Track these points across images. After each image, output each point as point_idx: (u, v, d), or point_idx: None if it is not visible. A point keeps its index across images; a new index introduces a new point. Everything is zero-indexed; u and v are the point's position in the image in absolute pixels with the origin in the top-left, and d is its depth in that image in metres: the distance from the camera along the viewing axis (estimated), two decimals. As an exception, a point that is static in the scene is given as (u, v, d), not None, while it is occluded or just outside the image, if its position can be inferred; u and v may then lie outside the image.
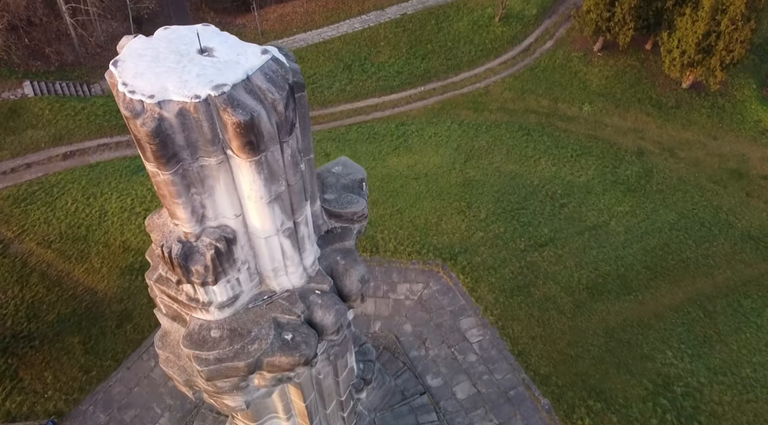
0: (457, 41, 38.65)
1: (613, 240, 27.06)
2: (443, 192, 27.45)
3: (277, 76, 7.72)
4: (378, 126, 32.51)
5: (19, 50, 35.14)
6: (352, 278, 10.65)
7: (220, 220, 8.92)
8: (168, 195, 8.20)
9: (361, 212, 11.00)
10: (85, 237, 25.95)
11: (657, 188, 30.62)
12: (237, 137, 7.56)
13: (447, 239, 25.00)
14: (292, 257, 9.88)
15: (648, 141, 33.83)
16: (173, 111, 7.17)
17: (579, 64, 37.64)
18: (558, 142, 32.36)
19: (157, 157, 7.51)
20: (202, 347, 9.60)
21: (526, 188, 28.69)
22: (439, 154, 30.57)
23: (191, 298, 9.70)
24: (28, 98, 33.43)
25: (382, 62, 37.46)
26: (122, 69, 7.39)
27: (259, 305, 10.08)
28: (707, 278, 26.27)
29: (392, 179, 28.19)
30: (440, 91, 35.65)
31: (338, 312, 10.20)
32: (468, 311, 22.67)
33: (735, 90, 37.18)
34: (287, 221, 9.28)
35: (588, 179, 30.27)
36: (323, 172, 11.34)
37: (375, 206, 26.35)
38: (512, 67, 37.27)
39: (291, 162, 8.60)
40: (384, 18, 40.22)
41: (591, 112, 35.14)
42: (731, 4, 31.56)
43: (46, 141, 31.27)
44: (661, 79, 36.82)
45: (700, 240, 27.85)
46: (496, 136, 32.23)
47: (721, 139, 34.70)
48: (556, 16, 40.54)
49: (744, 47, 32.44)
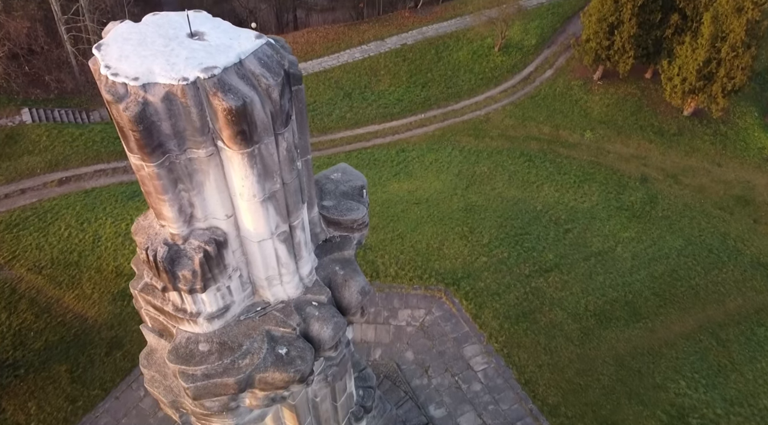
0: (457, 70, 38.72)
1: (619, 266, 26.37)
2: (445, 217, 26.88)
3: (272, 62, 7.24)
4: (378, 152, 32.16)
5: (18, 78, 35.09)
6: (351, 289, 9.97)
7: (209, 221, 8.31)
8: (153, 191, 7.61)
9: (361, 220, 10.40)
10: (77, 263, 25.28)
11: (663, 214, 30.07)
12: (228, 126, 7.02)
13: (449, 264, 24.32)
14: (288, 265, 9.23)
15: (651, 168, 33.45)
16: (159, 95, 6.65)
17: (579, 92, 37.59)
18: (560, 168, 31.95)
19: (141, 146, 6.95)
20: (189, 361, 8.86)
21: (529, 214, 28.13)
22: (440, 179, 30.12)
23: (178, 308, 9.00)
24: (26, 125, 33.20)
25: (383, 90, 37.42)
26: (106, 52, 6.91)
27: (251, 318, 9.38)
28: (718, 305, 25.49)
29: (393, 204, 27.65)
30: (441, 119, 35.48)
31: (337, 325, 9.49)
32: (472, 338, 21.83)
33: (737, 118, 37.02)
34: (282, 223, 8.68)
35: (592, 205, 29.74)
36: (321, 178, 10.79)
37: (375, 230, 25.75)
38: (513, 95, 37.21)
39: (287, 157, 8.04)
40: (384, 48, 40.40)
41: (593, 139, 34.88)
42: (731, 31, 31.62)
43: (41, 167, 30.87)
44: (662, 107, 36.69)
45: (708, 267, 27.15)
46: (498, 162, 31.85)
47: (726, 166, 34.33)
48: (555, 46, 40.74)
49: (745, 74, 32.37)
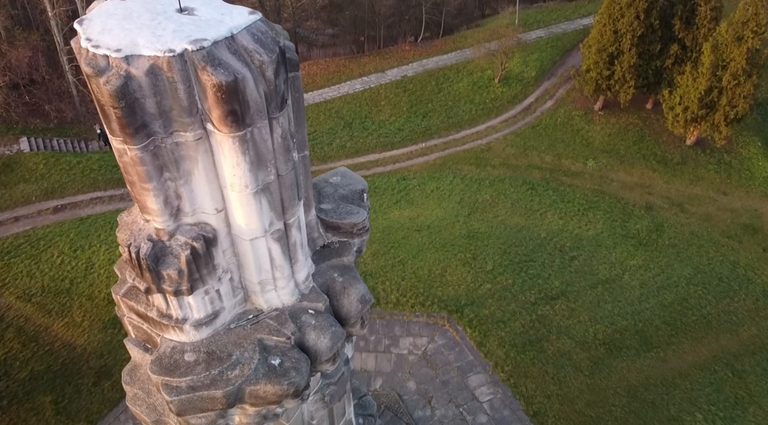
0: (457, 100, 38.70)
1: (628, 294, 25.58)
2: (447, 244, 26.23)
3: (266, 38, 6.77)
4: (379, 180, 31.74)
5: (18, 108, 35.01)
6: (350, 297, 9.29)
7: (198, 215, 7.71)
8: (137, 180, 7.03)
9: (361, 224, 9.80)
10: (68, 290, 24.56)
11: (669, 242, 29.42)
12: (218, 105, 6.50)
13: (452, 291, 23.55)
14: (282, 268, 8.58)
15: (656, 196, 32.96)
16: (143, 68, 6.15)
17: (581, 122, 37.44)
18: (564, 196, 31.46)
19: (123, 126, 6.42)
20: (174, 372, 8.11)
21: (533, 241, 27.49)
22: (441, 207, 29.59)
23: (163, 314, 8.31)
24: (24, 153, 32.91)
25: (383, 120, 37.29)
26: (88, 26, 6.46)
27: (242, 326, 8.67)
28: (731, 335, 24.61)
29: (393, 230, 27.05)
30: (441, 148, 35.22)
31: (334, 335, 8.77)
32: (477, 368, 20.90)
33: (740, 147, 36.75)
34: (277, 220, 8.07)
35: (597, 233, 29.12)
36: (320, 182, 10.24)
37: (376, 257, 25.07)
38: (513, 125, 37.05)
39: (282, 146, 7.49)
40: (384, 80, 40.51)
41: (596, 167, 34.50)
42: (732, 60, 31.62)
43: (37, 195, 30.42)
44: (665, 137, 36.46)
45: (719, 295, 26.36)
46: (500, 190, 31.38)
47: (731, 194, 33.85)
48: (555, 78, 40.84)
49: (747, 102, 32.21)
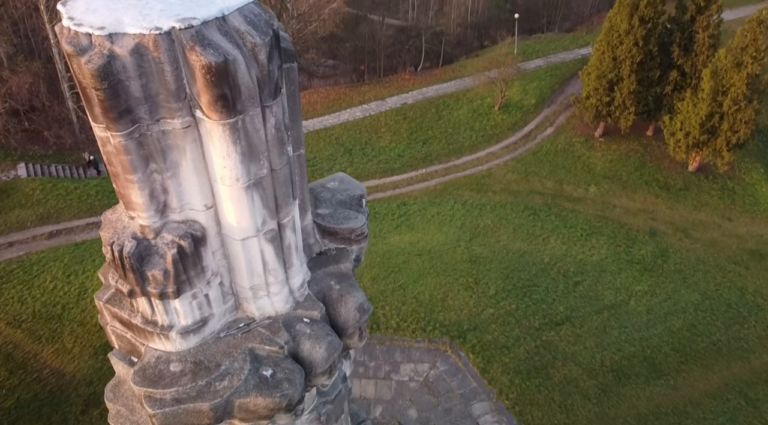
0: (457, 127, 38.66)
1: (634, 320, 24.94)
2: (448, 268, 25.70)
3: (259, 21, 6.45)
4: (379, 206, 31.37)
5: (17, 134, 34.93)
6: (348, 305, 8.77)
7: (186, 212, 7.27)
8: (121, 171, 6.61)
9: (360, 230, 9.34)
10: (59, 316, 23.96)
11: (675, 267, 28.87)
12: (207, 88, 6.13)
13: (454, 316, 22.92)
14: (276, 272, 8.09)
15: (660, 222, 32.54)
16: (127, 47, 5.81)
17: (581, 148, 37.31)
18: (566, 222, 31.05)
19: (105, 110, 6.04)
20: (157, 383, 7.54)
21: (536, 266, 26.95)
22: (442, 232, 29.14)
23: (148, 320, 7.78)
24: (21, 179, 32.69)
25: (383, 146, 37.17)
26: (71, 6, 6.13)
27: (232, 335, 8.13)
28: (743, 362, 23.90)
29: (394, 255, 26.54)
30: (442, 174, 34.98)
31: (331, 345, 8.23)
32: (480, 395, 20.14)
33: (743, 174, 36.52)
34: (270, 219, 7.62)
35: (601, 258, 28.60)
36: (317, 187, 9.83)
37: (376, 281, 24.52)
38: (514, 152, 36.90)
39: (275, 137, 7.10)
40: (384, 107, 40.56)
41: (598, 193, 34.19)
42: (732, 85, 31.63)
43: (32, 220, 30.04)
44: (666, 163, 36.26)
45: (728, 322, 25.71)
46: (502, 215, 30.98)
47: (736, 220, 33.44)
48: (554, 106, 40.92)
49: (749, 127, 32.10)
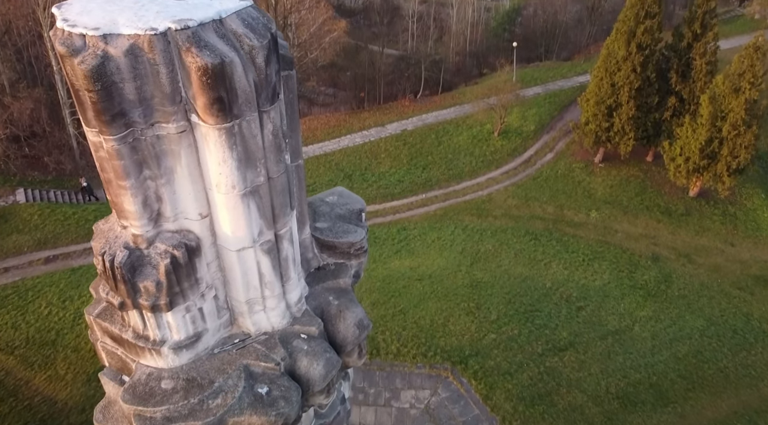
0: (457, 153, 38.68)
1: (639, 346, 24.48)
2: (449, 293, 25.33)
3: (257, 24, 6.34)
4: (378, 231, 31.14)
5: (17, 160, 34.91)
6: (347, 321, 8.48)
7: (180, 221, 7.05)
8: (114, 177, 6.42)
9: (359, 244, 9.12)
10: (53, 342, 23.52)
11: (679, 293, 28.50)
12: (203, 90, 5.99)
13: (456, 341, 22.49)
14: (273, 286, 7.83)
15: (662, 247, 32.26)
16: (122, 47, 5.68)
17: (581, 174, 37.23)
18: (568, 247, 30.77)
19: (98, 112, 5.88)
20: (148, 401, 7.22)
21: (538, 291, 26.59)
22: (443, 257, 28.84)
23: (139, 335, 7.50)
24: (19, 204, 32.52)
25: (383, 172, 37.12)
26: (66, 9, 6.04)
27: (227, 351, 7.83)
28: (751, 389, 23.36)
29: (394, 279, 26.20)
30: (442, 199, 34.84)
31: (329, 362, 7.92)
32: (483, 423, 19.60)
33: (744, 199, 36.36)
34: (267, 230, 7.40)
35: (604, 283, 28.24)
36: (315, 201, 9.63)
37: (376, 306, 24.14)
38: (514, 177, 36.83)
39: (273, 144, 6.92)
40: (384, 133, 40.66)
41: (599, 218, 33.97)
42: (730, 110, 31.70)
43: (29, 245, 29.78)
44: (667, 188, 36.14)
45: (735, 348, 25.24)
46: (503, 240, 30.71)
47: (739, 245, 33.16)
48: (554, 132, 41.02)
49: (749, 152, 32.06)
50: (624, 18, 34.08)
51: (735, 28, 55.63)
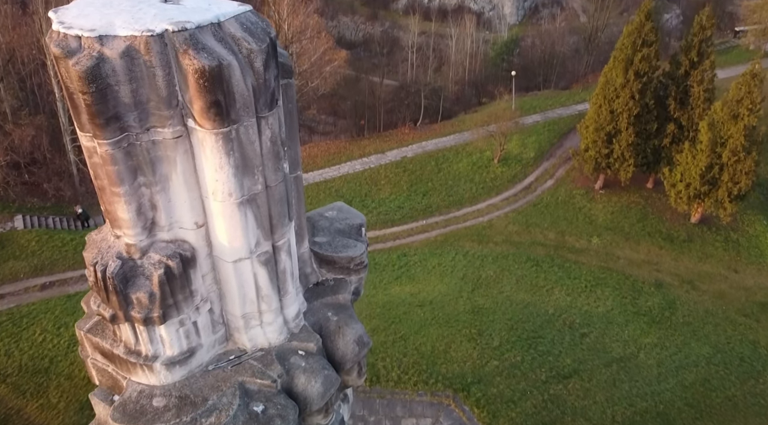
0: (457, 180, 38.67)
1: (645, 374, 23.99)
2: (451, 319, 24.95)
3: (256, 28, 6.26)
4: (379, 257, 30.89)
5: (17, 186, 34.83)
6: (346, 338, 8.21)
7: (175, 231, 6.86)
8: (107, 183, 6.26)
9: (359, 259, 8.89)
10: (46, 370, 23.08)
11: (684, 320, 28.10)
12: (200, 94, 5.87)
13: (457, 368, 22.03)
14: (270, 299, 7.59)
15: (665, 273, 31.95)
16: (118, 49, 5.58)
17: (582, 200, 37.14)
18: (570, 273, 30.48)
19: (93, 115, 5.75)
20: (138, 420, 6.92)
21: (541, 317, 26.20)
22: (444, 283, 28.53)
23: (131, 350, 7.22)
24: (17, 231, 32.34)
25: (383, 198, 37.05)
26: (63, 13, 5.96)
27: (222, 367, 7.54)
28: (761, 419, 22.85)
29: (394, 306, 25.85)
30: (442, 225, 34.68)
31: (327, 380, 7.63)
32: (487, 452, 19.04)
33: (746, 226, 36.19)
34: (264, 240, 7.20)
35: (607, 310, 27.86)
36: (314, 215, 9.46)
37: (376, 332, 23.73)
38: (515, 203, 36.74)
39: (271, 151, 6.77)
40: (384, 160, 40.75)
41: (601, 244, 33.75)
42: (730, 136, 31.77)
43: (25, 272, 29.51)
44: (669, 215, 35.99)
45: (743, 376, 24.75)
46: (504, 266, 30.44)
47: (743, 272, 32.85)
48: (554, 159, 41.09)
49: (750, 178, 32.01)
50: (621, 46, 34.44)
51: (730, 58, 56.25)
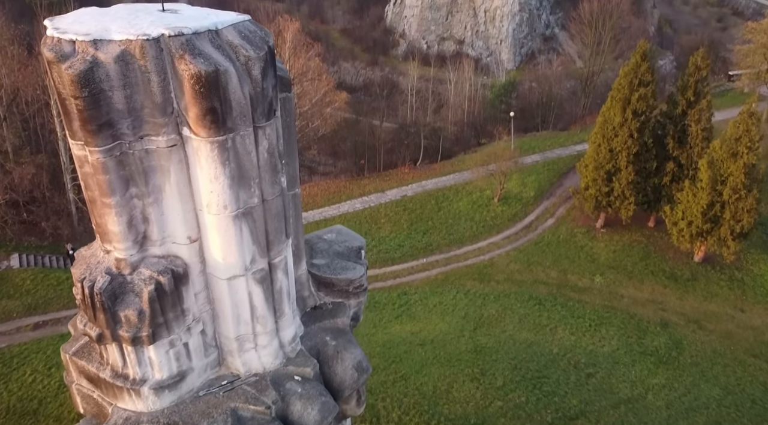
0: (457, 218, 38.52)
1: (654, 416, 23.23)
2: (452, 358, 24.31)
3: (254, 37, 6.15)
4: (378, 295, 30.40)
5: (14, 225, 34.65)
6: (345, 363, 7.81)
7: (168, 246, 6.58)
8: (98, 194, 6.02)
9: (358, 282, 8.58)
10: (35, 411, 22.33)
11: (692, 360, 27.42)
12: (196, 100, 5.70)
13: (460, 409, 21.31)
14: (265, 321, 7.24)
15: (670, 312, 31.39)
16: (112, 53, 5.44)
17: (584, 239, 36.89)
18: (573, 312, 29.93)
19: (84, 121, 5.56)
20: (122, 448, 6.49)
21: (545, 356, 25.55)
22: (445, 321, 27.96)
23: (118, 374, 6.84)
24: (12, 270, 32.00)
25: (383, 236, 36.80)
26: (59, 20, 5.86)
27: (213, 393, 7.14)
28: (776, 463, 21.93)
29: (395, 345, 25.24)
30: (443, 263, 34.32)
31: (324, 406, 7.21)
32: (492, 498, 18.19)
33: (751, 265, 35.80)
34: (260, 257, 6.91)
35: (613, 349, 27.21)
36: (313, 238, 9.18)
37: (376, 372, 23.05)
38: (516, 242, 36.47)
39: (268, 163, 6.55)
40: (384, 199, 40.72)
41: (604, 283, 33.29)
42: (730, 174, 31.76)
43: (19, 311, 29.03)
44: (671, 253, 35.64)
45: (756, 419, 23.97)
46: (506, 305, 29.92)
47: (749, 311, 32.28)
48: (554, 198, 41.05)
49: (752, 216, 31.82)
50: (618, 86, 34.84)
51: (725, 101, 56.89)
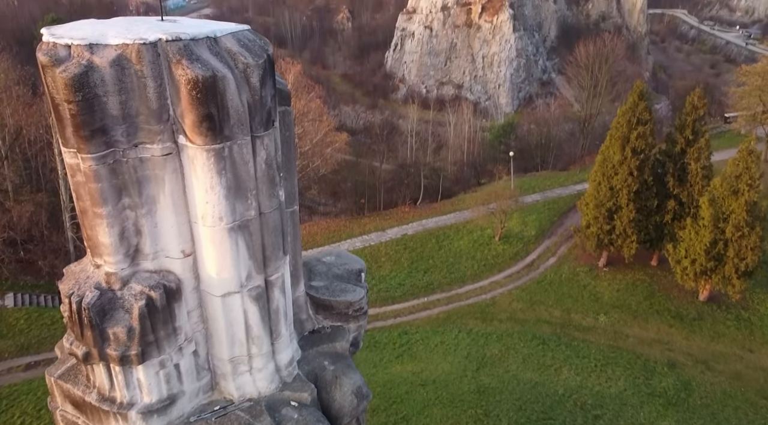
0: (458, 257, 38.18)
1: (665, 459, 22.34)
2: (455, 399, 23.59)
3: (253, 45, 6.06)
4: (379, 335, 29.78)
5: (11, 264, 34.33)
6: (344, 389, 7.43)
7: (160, 260, 6.33)
8: (89, 203, 5.80)
9: (358, 305, 8.26)
10: (23, 454, 21.52)
11: (701, 402, 26.63)
12: (192, 106, 5.56)
13: (464, 451, 20.52)
14: (261, 341, 6.90)
15: (678, 353, 30.67)
16: (108, 57, 5.33)
17: (586, 277, 36.44)
18: (578, 351, 29.25)
19: (78, 127, 5.40)
20: (106, 478, 6.07)
21: (550, 398, 24.80)
22: (447, 361, 27.27)
23: (104, 397, 6.47)
24: (6, 309, 31.56)
25: (384, 275, 36.37)
26: (56, 28, 5.79)
27: (205, 419, 6.74)
28: None
29: (395, 385, 24.54)
30: (445, 302, 33.79)
31: (322, 434, 6.80)
32: None
33: (757, 304, 35.22)
34: (256, 273, 6.64)
35: (620, 390, 26.45)
36: (311, 260, 8.92)
37: (376, 413, 22.37)
38: (518, 280, 36.02)
39: (266, 174, 6.36)
40: (385, 238, 40.51)
41: (608, 322, 32.65)
42: (732, 212, 31.58)
43: (11, 351, 28.44)
44: (675, 292, 35.13)
45: (769, 462, 23.05)
46: (509, 345, 29.26)
47: (758, 352, 31.55)
48: (555, 237, 40.83)
49: (756, 254, 31.46)
50: (617, 125, 35.07)
51: (722, 142, 57.23)
